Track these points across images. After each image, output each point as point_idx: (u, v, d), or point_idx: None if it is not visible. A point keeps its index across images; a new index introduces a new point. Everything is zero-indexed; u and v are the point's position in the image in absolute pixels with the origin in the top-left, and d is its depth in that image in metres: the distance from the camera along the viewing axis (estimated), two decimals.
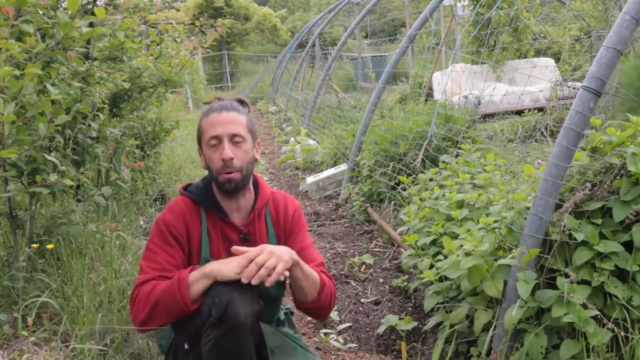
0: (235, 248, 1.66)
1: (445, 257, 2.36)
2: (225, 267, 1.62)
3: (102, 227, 2.79)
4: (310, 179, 5.30)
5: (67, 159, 2.52)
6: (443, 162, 3.54)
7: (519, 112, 6.76)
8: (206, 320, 1.60)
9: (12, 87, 1.92)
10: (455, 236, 2.41)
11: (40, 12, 2.18)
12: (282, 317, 2.02)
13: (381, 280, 3.26)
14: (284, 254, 1.66)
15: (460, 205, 2.75)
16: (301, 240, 1.93)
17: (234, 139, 1.78)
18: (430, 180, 3.42)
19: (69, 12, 2.17)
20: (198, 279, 1.64)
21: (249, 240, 1.86)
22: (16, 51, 1.91)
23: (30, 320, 1.92)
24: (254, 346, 1.65)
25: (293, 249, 1.90)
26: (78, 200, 3.04)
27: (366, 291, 3.13)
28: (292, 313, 2.12)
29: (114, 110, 3.71)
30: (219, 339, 1.59)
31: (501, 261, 2.05)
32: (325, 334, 2.65)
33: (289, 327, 2.02)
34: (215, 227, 1.84)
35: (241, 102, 1.93)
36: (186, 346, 1.69)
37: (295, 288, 1.79)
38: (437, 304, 2.35)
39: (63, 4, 2.64)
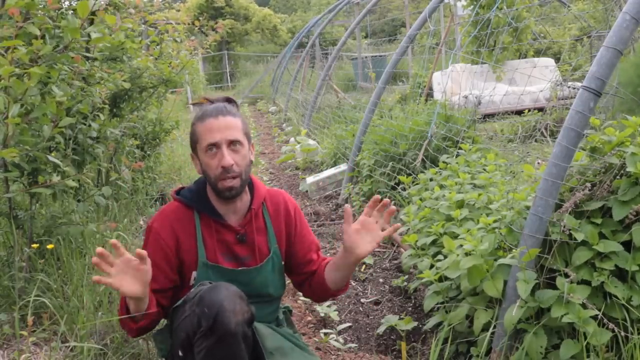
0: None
1: (445, 257, 2.36)
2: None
3: (102, 227, 2.79)
4: (310, 179, 5.30)
5: (67, 159, 2.52)
6: (443, 162, 3.53)
7: (519, 112, 6.76)
8: (197, 329, 1.59)
9: (17, 88, 1.92)
10: (455, 236, 2.41)
11: (41, 12, 2.17)
12: (281, 316, 2.01)
13: (381, 280, 3.26)
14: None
15: (460, 205, 2.74)
16: (307, 236, 2.01)
17: (232, 145, 1.76)
18: (430, 180, 3.42)
19: (63, 10, 2.17)
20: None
21: (245, 240, 1.86)
22: (22, 53, 1.91)
23: (30, 320, 1.92)
24: (248, 352, 1.65)
25: (302, 247, 1.98)
26: (78, 201, 3.03)
27: (366, 291, 3.13)
28: (291, 312, 2.12)
29: (114, 110, 3.70)
30: (210, 349, 1.58)
31: (501, 261, 2.05)
32: (325, 334, 2.65)
33: (288, 326, 2.01)
34: (210, 230, 1.83)
35: (230, 101, 1.90)
36: (180, 353, 1.69)
37: (340, 277, 1.92)
38: (437, 304, 2.35)
39: (65, 3, 2.64)
